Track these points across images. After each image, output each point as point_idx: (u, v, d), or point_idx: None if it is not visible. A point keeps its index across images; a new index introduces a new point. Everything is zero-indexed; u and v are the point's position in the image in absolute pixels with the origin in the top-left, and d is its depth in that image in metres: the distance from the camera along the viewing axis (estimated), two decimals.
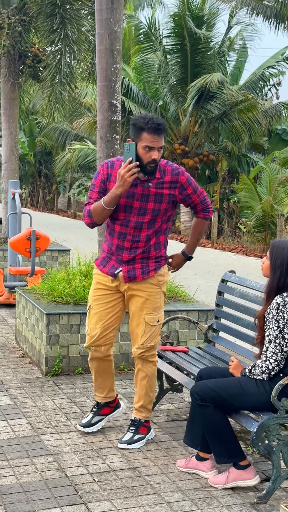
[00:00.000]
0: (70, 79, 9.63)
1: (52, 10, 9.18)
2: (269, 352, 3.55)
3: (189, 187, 4.11)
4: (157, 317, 4.16)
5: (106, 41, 6.09)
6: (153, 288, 4.12)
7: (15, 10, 10.19)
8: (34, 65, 10.39)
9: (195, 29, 20.10)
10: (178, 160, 22.08)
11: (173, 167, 4.08)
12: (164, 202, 4.04)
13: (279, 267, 3.64)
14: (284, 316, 3.53)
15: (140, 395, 4.26)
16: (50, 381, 5.48)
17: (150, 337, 4.14)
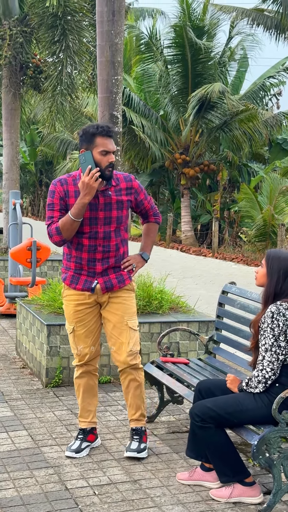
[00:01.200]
0: (71, 90, 9.67)
1: (54, 22, 9.23)
2: (265, 361, 3.55)
3: (141, 193, 4.24)
4: (136, 322, 4.22)
5: (107, 53, 6.12)
6: (129, 294, 4.20)
7: (17, 21, 10.25)
8: (35, 76, 10.43)
9: (196, 39, 20.20)
10: (179, 170, 22.15)
11: (124, 174, 4.20)
12: (125, 208, 4.13)
13: (276, 272, 3.67)
14: (279, 324, 3.54)
15: (138, 405, 4.25)
16: (50, 392, 5.48)
17: (135, 342, 4.17)
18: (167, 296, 6.37)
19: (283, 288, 3.66)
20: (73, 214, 3.93)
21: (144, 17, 25.71)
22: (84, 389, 4.30)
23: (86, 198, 3.89)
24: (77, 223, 3.96)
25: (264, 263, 3.75)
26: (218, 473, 3.70)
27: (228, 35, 22.12)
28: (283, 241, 17.11)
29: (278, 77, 22.42)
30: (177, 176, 22.78)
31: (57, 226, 3.99)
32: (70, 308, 4.20)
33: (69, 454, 4.20)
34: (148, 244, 4.40)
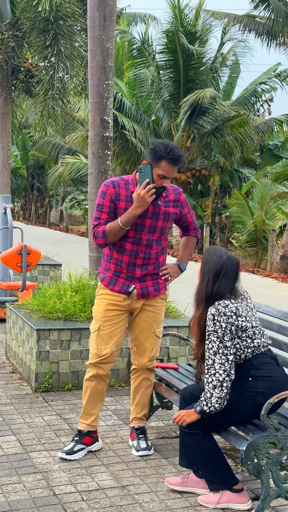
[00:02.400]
0: (62, 94, 9.67)
1: (45, 26, 9.23)
2: (216, 364, 3.49)
3: (186, 207, 4.34)
4: (162, 328, 4.45)
5: (98, 57, 6.13)
6: (162, 303, 4.34)
7: (8, 26, 10.25)
8: (27, 80, 10.44)
9: (188, 45, 20.23)
10: None
11: (173, 186, 4.26)
12: (170, 220, 4.24)
13: (207, 273, 3.65)
14: (222, 325, 3.50)
15: (144, 404, 4.43)
16: (39, 397, 5.45)
17: (158, 348, 4.41)
18: None
19: (214, 291, 3.61)
20: (123, 222, 4.03)
21: (137, 22, 25.78)
22: (90, 392, 4.33)
23: (138, 210, 4.00)
24: (124, 230, 4.08)
25: (201, 263, 3.75)
26: (207, 480, 3.70)
27: (220, 41, 22.18)
28: (273, 247, 17.14)
29: (270, 83, 22.51)
30: None
31: (104, 229, 4.10)
32: (101, 306, 4.27)
33: (61, 455, 4.22)
34: (186, 255, 4.49)
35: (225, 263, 3.65)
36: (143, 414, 4.44)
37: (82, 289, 6.20)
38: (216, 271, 3.63)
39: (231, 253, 3.73)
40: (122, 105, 21.44)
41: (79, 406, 5.24)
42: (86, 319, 5.90)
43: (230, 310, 3.53)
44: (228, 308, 3.53)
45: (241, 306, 3.60)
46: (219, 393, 3.47)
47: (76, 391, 5.61)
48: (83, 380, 5.62)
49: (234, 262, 3.68)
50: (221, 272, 3.63)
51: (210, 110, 20.78)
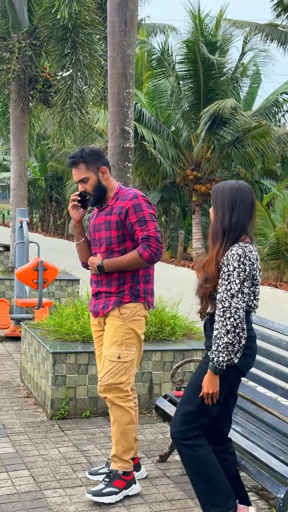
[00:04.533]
0: (81, 104, 9.38)
1: (64, 34, 8.96)
2: (232, 308, 3.11)
3: (133, 216, 3.83)
4: (117, 352, 3.87)
5: (118, 64, 5.82)
6: (114, 320, 3.90)
7: (26, 34, 9.98)
8: (44, 90, 10.15)
9: (209, 55, 19.95)
10: (190, 186, 21.83)
11: (128, 192, 3.94)
12: (113, 228, 3.89)
13: (221, 205, 3.25)
14: (246, 268, 3.14)
15: (113, 443, 3.97)
16: (55, 425, 5.11)
17: (108, 373, 3.86)
18: (180, 322, 6.00)
19: (232, 222, 3.21)
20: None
21: (156, 33, 25.56)
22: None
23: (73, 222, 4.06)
24: (80, 246, 4.11)
25: (212, 201, 3.34)
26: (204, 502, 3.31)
27: (241, 51, 21.88)
28: None
29: None
30: (189, 192, 22.46)
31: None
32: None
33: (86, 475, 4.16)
34: (114, 261, 3.86)
35: (239, 190, 3.25)
36: (112, 454, 3.94)
37: None
38: (231, 200, 3.23)
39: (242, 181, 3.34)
40: (142, 115, 21.19)
41: (97, 436, 4.90)
42: None
43: (254, 257, 3.20)
44: (252, 254, 3.19)
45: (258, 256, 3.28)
46: (232, 339, 3.11)
47: (94, 418, 5.26)
48: (101, 407, 5.32)
49: (249, 189, 3.29)
50: (237, 200, 3.23)
51: (231, 120, 20.45)
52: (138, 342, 3.94)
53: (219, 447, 3.42)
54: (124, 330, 3.87)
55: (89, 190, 3.90)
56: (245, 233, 3.23)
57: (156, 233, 3.84)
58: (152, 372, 5.46)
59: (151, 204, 3.93)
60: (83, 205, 3.97)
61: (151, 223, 3.82)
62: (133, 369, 3.95)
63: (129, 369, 3.90)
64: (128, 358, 3.88)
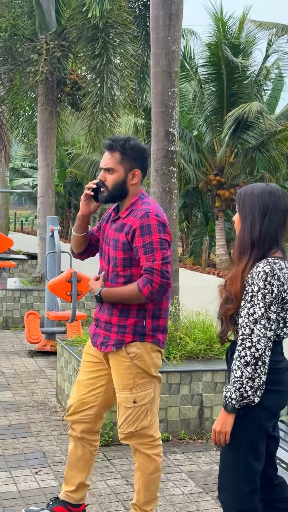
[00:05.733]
0: (112, 107, 8.98)
1: (94, 34, 8.59)
2: (254, 336, 2.56)
3: (140, 239, 3.18)
4: (131, 397, 3.28)
5: (162, 62, 5.42)
6: (121, 360, 3.29)
7: (54, 35, 9.62)
8: (73, 93, 9.77)
9: (232, 57, 19.58)
10: (213, 191, 21.41)
11: (142, 207, 3.25)
12: (119, 249, 3.25)
13: (250, 212, 2.69)
14: (273, 289, 2.56)
15: (135, 490, 3.46)
16: (99, 453, 4.69)
17: (127, 421, 3.30)
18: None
19: (263, 232, 2.66)
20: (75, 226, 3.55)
21: None
22: (69, 453, 3.56)
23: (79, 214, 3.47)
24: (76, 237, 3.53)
25: (237, 206, 2.77)
26: None
27: (265, 53, 21.45)
28: None
29: None
30: (211, 198, 22.03)
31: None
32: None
33: None
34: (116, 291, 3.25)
35: (271, 194, 2.69)
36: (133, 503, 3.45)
37: None
38: (262, 206, 2.67)
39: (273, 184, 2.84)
40: None
41: None
42: None
43: (285, 276, 2.62)
44: (283, 272, 2.62)
45: None
46: (251, 373, 2.55)
47: None
48: None
49: (282, 193, 2.72)
50: (269, 205, 2.68)
51: (255, 124, 20.02)
52: (153, 378, 3.35)
53: (269, 495, 2.94)
54: (134, 371, 3.26)
55: (108, 183, 3.29)
56: (276, 245, 2.69)
57: (163, 266, 3.14)
58: (202, 394, 5.03)
59: (165, 227, 3.22)
60: (96, 197, 3.36)
61: (158, 252, 3.14)
62: (155, 407, 3.37)
63: (150, 410, 3.32)
64: (146, 399, 3.30)
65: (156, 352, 3.33)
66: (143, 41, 9.78)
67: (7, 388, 6.31)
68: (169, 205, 5.59)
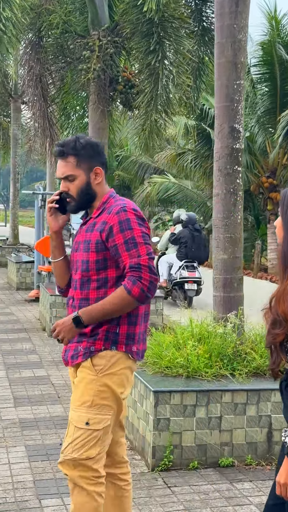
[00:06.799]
0: (167, 106, 8.58)
1: (149, 29, 8.22)
2: None
3: (119, 235, 2.85)
4: (85, 416, 2.87)
5: (228, 52, 5.01)
6: (85, 373, 2.91)
7: (107, 31, 9.28)
8: (126, 91, 9.39)
9: (286, 56, 19.05)
10: (265, 194, 20.84)
11: (117, 203, 2.96)
12: (92, 250, 2.92)
13: None
14: None
15: None
16: (159, 479, 4.28)
17: (73, 444, 2.87)
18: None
19: None
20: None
21: None
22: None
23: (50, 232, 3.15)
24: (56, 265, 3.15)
25: (280, 210, 2.30)
26: None
27: None
28: None
29: None
30: (263, 201, 21.46)
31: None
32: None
33: None
34: (97, 306, 2.85)
35: None
36: None
37: (207, 338, 5.01)
38: None
39: None
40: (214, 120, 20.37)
41: (212, 496, 4.04)
42: (213, 377, 4.70)
43: None
44: None
45: None
46: None
47: (204, 471, 4.42)
48: (211, 456, 4.49)
49: None
50: None
51: None
52: (116, 404, 2.93)
53: None
54: (97, 387, 2.87)
55: (72, 193, 2.97)
56: None
57: (150, 261, 2.84)
58: (271, 415, 4.57)
59: (144, 221, 2.94)
60: (63, 209, 3.05)
61: (143, 247, 2.85)
62: (108, 439, 2.93)
63: (101, 439, 2.88)
64: (101, 425, 2.87)
65: (127, 369, 2.94)
66: (199, 37, 9.40)
67: (57, 401, 5.96)
68: (233, 208, 5.15)
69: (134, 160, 27.49)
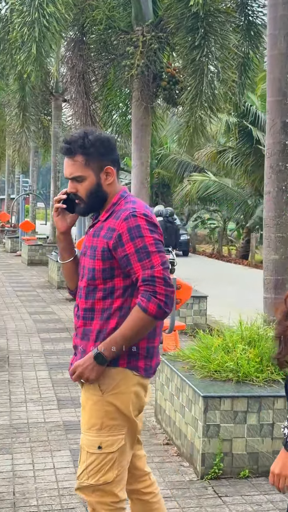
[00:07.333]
0: (212, 102, 8.41)
1: (194, 24, 8.06)
2: None
3: (130, 244, 2.60)
4: (97, 440, 2.66)
5: (281, 44, 4.83)
6: (89, 393, 2.70)
7: (151, 26, 9.15)
8: (169, 87, 9.25)
9: None
10: None
11: (126, 206, 2.67)
12: (98, 258, 2.67)
13: None
14: None
15: None
16: (208, 488, 4.12)
17: (87, 470, 2.66)
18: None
19: None
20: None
21: None
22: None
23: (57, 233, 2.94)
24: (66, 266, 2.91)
25: None
26: None
27: None
28: None
29: None
30: None
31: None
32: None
33: None
34: (116, 336, 2.61)
35: None
36: None
37: (257, 341, 4.83)
38: None
39: None
40: (257, 118, 20.20)
41: (265, 507, 3.87)
42: (264, 382, 4.52)
43: None
44: None
45: None
46: None
47: (255, 480, 4.24)
48: (263, 465, 4.33)
49: None
50: None
51: None
52: (129, 422, 2.71)
53: None
54: (103, 407, 2.67)
55: (81, 194, 2.72)
56: None
57: (165, 272, 2.58)
58: None
59: (156, 226, 2.67)
60: (71, 208, 2.82)
61: (156, 256, 2.59)
62: (125, 459, 2.72)
63: (117, 461, 2.67)
64: (114, 447, 2.66)
65: (136, 386, 2.70)
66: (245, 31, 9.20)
67: None
68: (285, 207, 4.96)
69: (173, 158, 27.38)
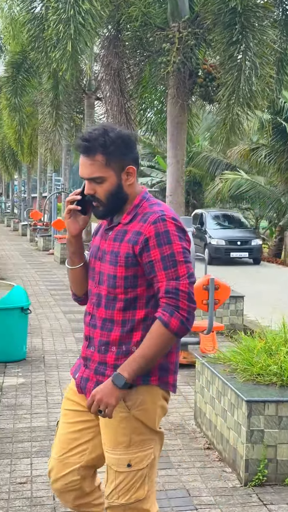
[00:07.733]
0: (249, 99, 8.27)
1: (231, 19, 7.93)
2: None
3: (156, 250, 2.43)
4: (125, 458, 2.52)
5: None
6: (116, 410, 2.49)
7: (187, 22, 9.04)
8: (206, 84, 9.13)
9: None
10: None
11: (153, 208, 2.50)
12: (121, 265, 2.49)
13: None
14: None
15: None
16: (253, 495, 4.01)
17: (117, 489, 2.54)
18: None
19: None
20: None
21: None
22: None
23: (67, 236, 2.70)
24: (74, 272, 2.71)
25: None
26: None
27: None
28: None
29: None
30: None
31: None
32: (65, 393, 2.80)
33: None
34: (134, 355, 2.45)
35: None
36: None
37: None
38: None
39: None
40: None
41: None
42: None
43: None
44: None
45: None
46: None
47: None
48: None
49: None
50: None
51: None
52: (157, 435, 2.60)
53: None
54: (131, 424, 2.52)
55: (100, 196, 2.51)
56: None
57: (190, 287, 2.42)
58: None
59: (185, 233, 2.50)
60: (85, 210, 2.62)
61: (183, 266, 2.43)
62: (154, 473, 2.60)
63: (147, 476, 2.54)
64: (144, 463, 2.54)
65: (163, 400, 2.59)
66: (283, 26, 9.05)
67: None
68: None
69: (205, 156, 27.17)
